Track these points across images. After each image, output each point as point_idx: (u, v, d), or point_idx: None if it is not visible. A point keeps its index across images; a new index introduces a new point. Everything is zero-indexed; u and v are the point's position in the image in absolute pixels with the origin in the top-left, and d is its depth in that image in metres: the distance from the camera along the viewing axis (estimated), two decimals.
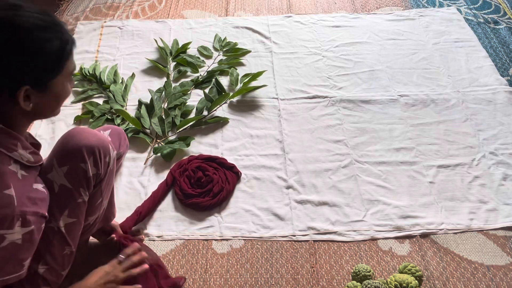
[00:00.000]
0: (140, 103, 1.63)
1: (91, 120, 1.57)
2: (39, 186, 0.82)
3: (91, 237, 1.16)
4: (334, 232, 1.27)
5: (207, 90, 1.71)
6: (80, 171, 0.87)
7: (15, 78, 0.72)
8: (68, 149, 0.87)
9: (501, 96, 1.68)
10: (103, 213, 1.03)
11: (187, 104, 1.65)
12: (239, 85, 1.73)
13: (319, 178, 1.41)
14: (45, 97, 0.78)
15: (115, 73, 1.77)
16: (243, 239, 1.26)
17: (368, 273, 1.11)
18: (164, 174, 1.41)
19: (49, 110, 0.83)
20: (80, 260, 0.94)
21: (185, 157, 1.45)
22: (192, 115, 1.62)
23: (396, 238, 1.26)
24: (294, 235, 1.27)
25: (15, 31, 0.71)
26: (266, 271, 1.19)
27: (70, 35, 0.79)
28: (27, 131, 0.86)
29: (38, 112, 0.80)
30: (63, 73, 0.79)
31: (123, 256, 1.00)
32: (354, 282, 1.11)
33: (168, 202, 1.34)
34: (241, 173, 1.41)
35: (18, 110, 0.76)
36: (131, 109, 1.64)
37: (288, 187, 1.39)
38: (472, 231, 1.28)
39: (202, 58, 1.88)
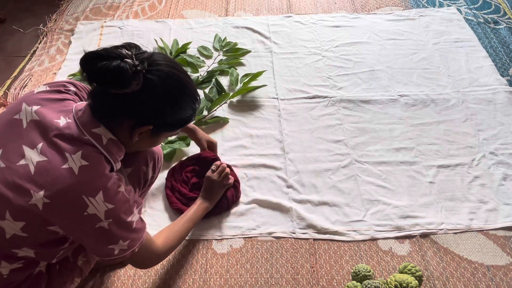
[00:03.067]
0: None
1: None
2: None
3: None
4: (334, 232, 1.27)
5: (207, 90, 1.71)
6: (142, 172, 0.99)
7: (155, 115, 0.78)
8: (134, 153, 0.96)
9: (501, 96, 1.68)
10: None
11: None
12: (239, 85, 1.73)
13: (319, 178, 1.41)
14: (146, 140, 0.84)
15: None
16: (243, 239, 1.26)
17: (368, 273, 1.11)
18: (164, 174, 1.40)
19: (134, 148, 0.87)
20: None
21: (175, 163, 1.42)
22: None
23: (396, 238, 1.26)
24: (294, 232, 1.27)
25: (183, 88, 0.80)
26: (266, 271, 1.19)
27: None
28: None
29: (131, 145, 0.83)
30: (173, 133, 0.89)
31: (214, 168, 1.24)
32: (354, 282, 1.11)
33: (167, 203, 1.34)
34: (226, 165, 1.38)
35: (125, 134, 0.80)
36: None
37: (288, 187, 1.39)
38: (472, 231, 1.28)
39: (202, 58, 1.88)
